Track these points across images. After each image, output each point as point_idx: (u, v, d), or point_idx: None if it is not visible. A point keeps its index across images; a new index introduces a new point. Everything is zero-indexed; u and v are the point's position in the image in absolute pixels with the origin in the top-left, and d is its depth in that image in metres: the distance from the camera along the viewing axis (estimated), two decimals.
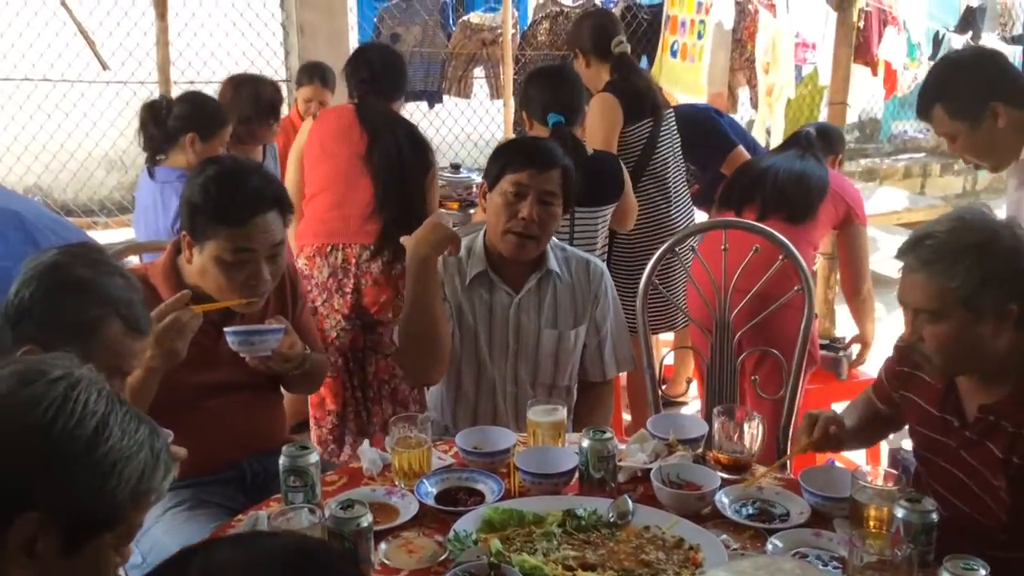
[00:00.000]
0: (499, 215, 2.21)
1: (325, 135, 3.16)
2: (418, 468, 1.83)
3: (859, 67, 6.32)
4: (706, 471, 1.81)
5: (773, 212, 3.03)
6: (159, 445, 1.16)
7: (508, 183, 2.20)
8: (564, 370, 2.35)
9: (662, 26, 6.57)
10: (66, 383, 1.10)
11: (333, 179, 3.10)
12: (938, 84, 2.31)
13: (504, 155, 2.27)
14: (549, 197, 2.21)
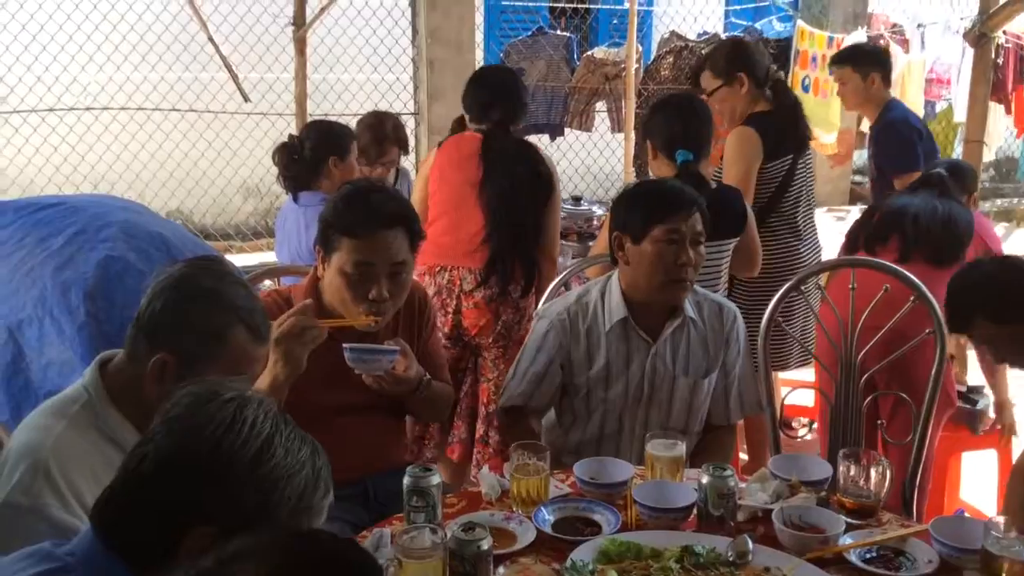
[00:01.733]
0: (655, 265, 2.19)
1: (445, 162, 3.20)
2: (536, 495, 1.85)
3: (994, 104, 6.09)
4: (830, 514, 1.77)
5: (916, 253, 2.91)
6: (320, 464, 1.20)
7: (661, 232, 2.18)
8: (696, 416, 2.33)
9: (791, 61, 6.48)
10: (235, 404, 1.17)
11: (448, 205, 3.14)
12: None
13: (645, 204, 2.25)
14: (699, 238, 2.21)
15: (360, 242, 2.06)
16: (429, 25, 5.66)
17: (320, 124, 3.47)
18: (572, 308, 2.31)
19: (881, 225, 3.03)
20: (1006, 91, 6.11)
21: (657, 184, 2.41)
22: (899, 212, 3.00)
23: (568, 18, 7.36)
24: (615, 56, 6.36)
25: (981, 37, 4.44)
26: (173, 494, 1.13)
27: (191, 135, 5.95)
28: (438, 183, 3.18)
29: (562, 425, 2.38)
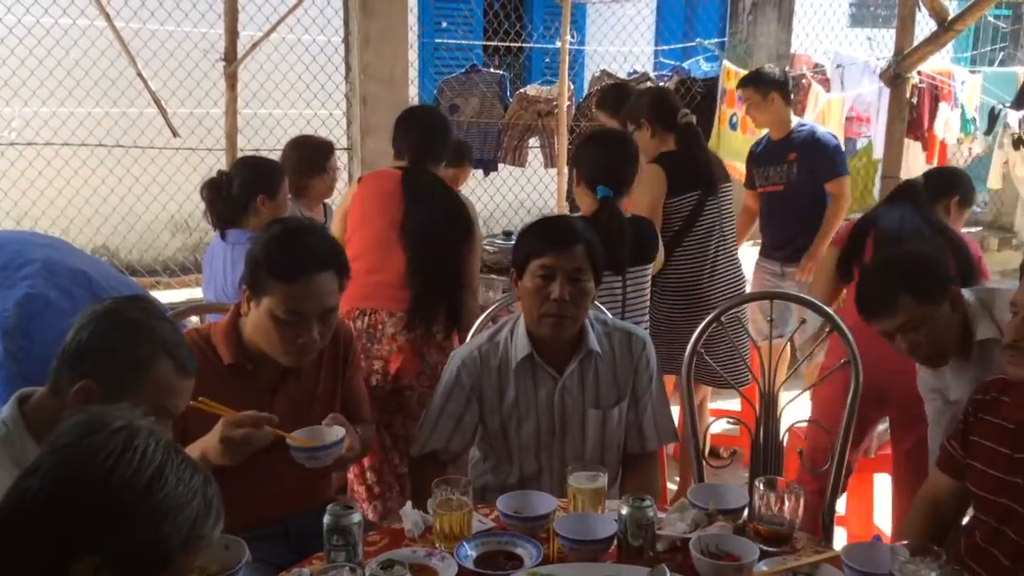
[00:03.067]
0: (532, 300, 2.23)
1: (366, 199, 3.18)
2: (459, 531, 1.86)
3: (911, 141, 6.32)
4: (745, 543, 1.81)
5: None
6: (211, 493, 1.22)
7: (535, 267, 2.21)
8: (611, 447, 2.34)
9: (718, 99, 6.66)
10: (126, 433, 1.17)
11: (370, 246, 3.11)
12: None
13: (526, 241, 2.29)
14: (577, 274, 2.21)
15: (293, 288, 2.03)
16: (362, 61, 5.66)
17: (250, 160, 3.45)
18: (484, 347, 2.33)
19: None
20: (922, 129, 6.33)
21: (543, 221, 2.42)
22: (894, 237, 3.03)
23: (502, 56, 7.46)
24: (548, 93, 6.45)
25: (896, 77, 4.61)
26: (62, 524, 1.13)
27: (118, 170, 5.86)
28: (359, 222, 3.17)
29: (487, 463, 2.38)
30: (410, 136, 3.21)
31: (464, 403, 2.30)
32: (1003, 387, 1.96)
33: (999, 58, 8.59)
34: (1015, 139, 6.53)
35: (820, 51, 7.55)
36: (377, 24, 5.58)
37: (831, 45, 7.78)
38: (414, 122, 3.26)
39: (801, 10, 7.73)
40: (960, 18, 4.19)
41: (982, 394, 2.01)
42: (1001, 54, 8.62)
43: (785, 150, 4.39)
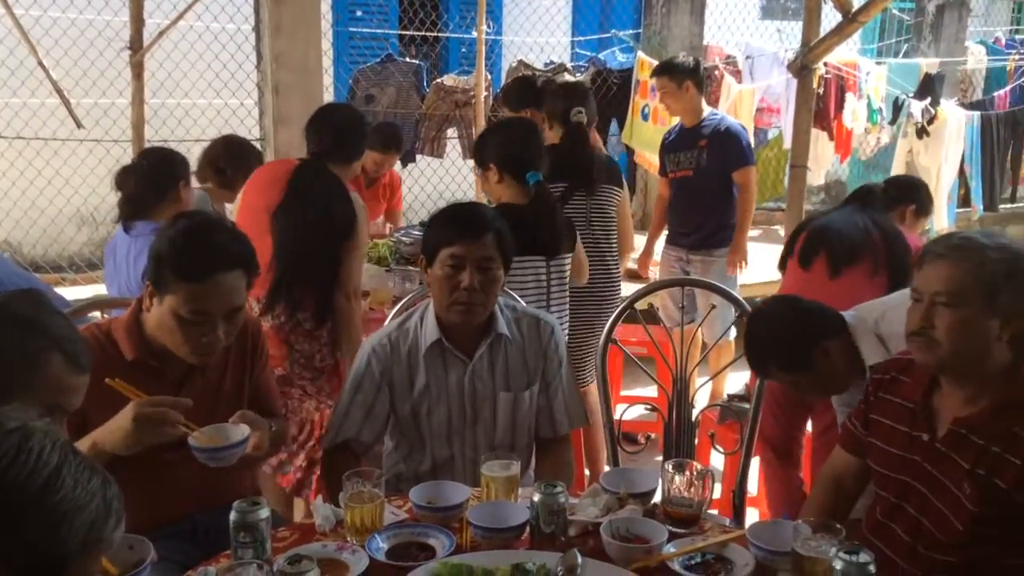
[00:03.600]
0: (442, 289, 2.23)
1: (252, 185, 3.14)
2: (370, 523, 1.84)
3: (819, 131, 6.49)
4: (655, 525, 1.83)
5: (845, 265, 3.01)
6: (111, 495, 1.18)
7: (445, 256, 2.21)
8: (521, 431, 2.36)
9: (632, 90, 6.73)
10: (20, 434, 1.13)
11: (244, 230, 3.07)
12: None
13: (436, 230, 2.29)
14: (487, 263, 2.22)
15: (198, 288, 1.97)
16: (274, 50, 5.55)
17: (160, 149, 3.39)
18: (394, 334, 2.32)
19: (809, 242, 3.14)
20: (829, 119, 6.52)
21: (452, 209, 2.41)
22: (823, 229, 3.11)
23: (418, 45, 7.41)
24: (465, 84, 6.44)
25: (803, 68, 4.71)
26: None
27: (19, 163, 5.65)
28: (242, 207, 3.15)
29: (399, 452, 2.37)
30: (321, 135, 3.17)
31: (374, 391, 2.28)
32: (902, 367, 2.03)
33: (903, 50, 8.87)
34: (918, 128, 6.77)
35: (732, 43, 7.70)
36: (288, 11, 5.48)
37: (742, 37, 7.94)
38: (327, 121, 3.22)
39: (713, 2, 7.86)
40: (863, 10, 4.31)
41: (882, 373, 2.07)
42: (905, 46, 8.91)
43: (696, 137, 4.48)
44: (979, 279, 1.77)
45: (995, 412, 1.80)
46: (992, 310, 1.78)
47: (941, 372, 1.88)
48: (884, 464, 1.98)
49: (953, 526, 1.81)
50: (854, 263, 2.99)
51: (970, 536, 1.80)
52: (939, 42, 8.38)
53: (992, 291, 1.77)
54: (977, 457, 1.79)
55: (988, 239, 1.83)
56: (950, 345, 1.79)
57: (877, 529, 1.99)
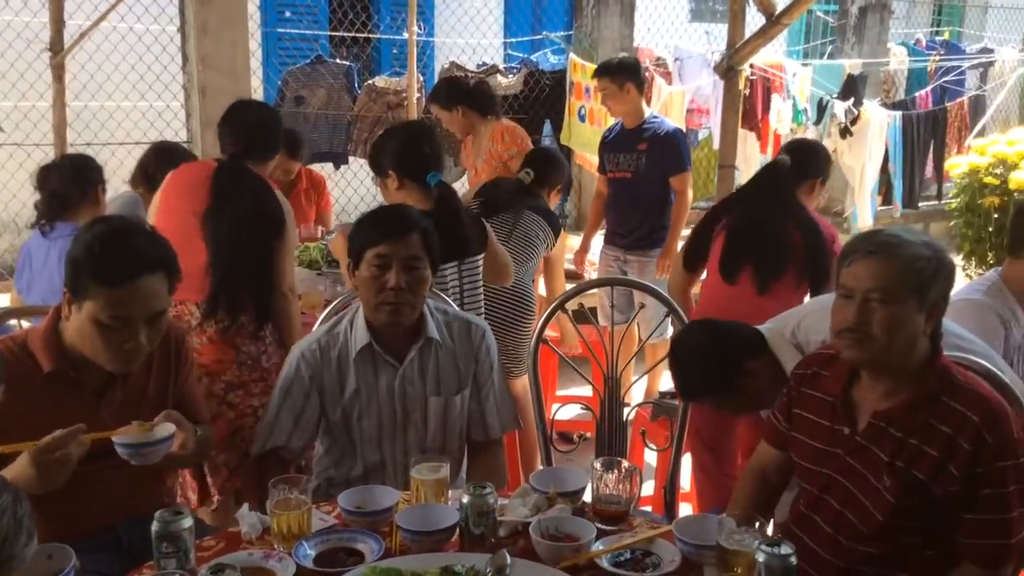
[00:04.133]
0: (369, 290, 2.22)
1: (172, 191, 3.08)
2: (298, 530, 1.82)
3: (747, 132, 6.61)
4: (583, 522, 1.85)
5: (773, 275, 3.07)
6: (21, 512, 1.15)
7: (371, 257, 2.21)
8: (452, 435, 2.35)
9: (567, 91, 6.77)
10: None
11: (170, 236, 3.01)
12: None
13: (361, 231, 2.28)
14: (413, 262, 2.22)
15: (118, 293, 1.91)
16: (200, 51, 5.47)
17: (78, 155, 3.36)
18: (323, 339, 2.31)
19: (732, 253, 3.15)
20: (756, 119, 6.64)
21: (377, 210, 2.40)
22: (745, 236, 3.13)
23: (348, 47, 7.35)
24: (397, 85, 6.41)
25: (730, 70, 4.79)
26: None
27: None
28: (164, 212, 3.06)
29: (330, 456, 2.35)
30: (236, 133, 3.12)
31: (304, 397, 2.26)
32: (823, 362, 2.07)
33: (828, 51, 9.07)
34: (841, 128, 6.92)
35: (661, 45, 7.80)
36: (215, 12, 5.41)
37: (672, 39, 8.04)
38: (239, 119, 3.17)
39: (643, 5, 7.95)
40: (786, 12, 4.39)
41: (803, 369, 2.12)
42: (830, 48, 9.11)
43: (636, 140, 4.52)
44: (911, 276, 1.81)
45: (913, 405, 1.85)
46: (921, 305, 1.83)
47: (869, 366, 1.91)
48: (807, 457, 2.02)
49: (874, 517, 1.86)
50: (780, 276, 3.05)
51: (890, 527, 1.85)
52: (862, 44, 8.59)
53: (923, 287, 1.82)
54: (896, 449, 1.84)
55: (913, 236, 1.88)
56: (885, 340, 1.83)
57: (801, 521, 2.03)
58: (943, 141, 8.16)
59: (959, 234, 4.61)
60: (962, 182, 4.60)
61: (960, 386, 1.84)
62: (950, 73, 8.47)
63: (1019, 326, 2.74)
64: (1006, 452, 1.77)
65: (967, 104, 8.43)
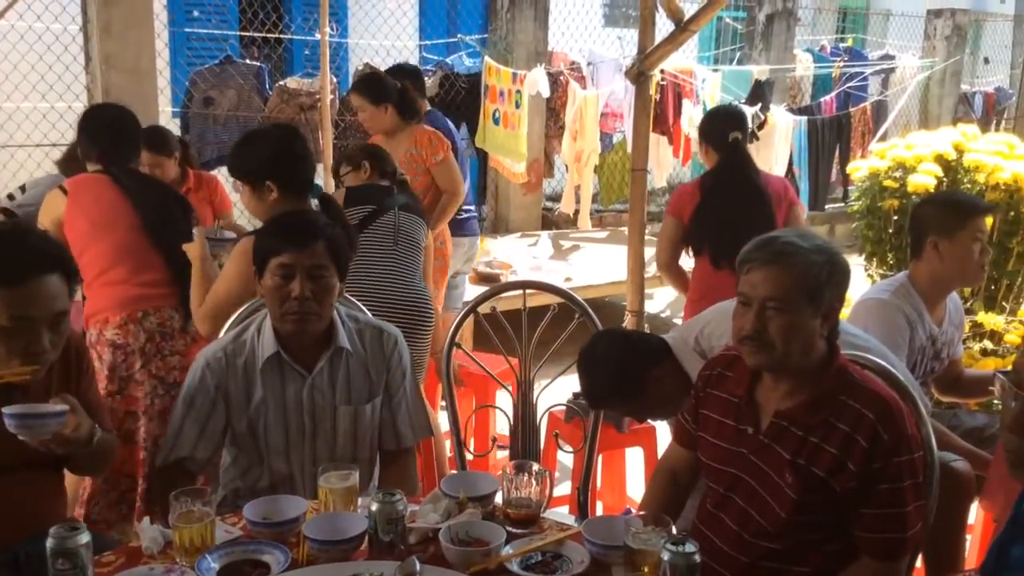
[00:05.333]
0: (273, 299, 2.18)
1: (88, 209, 3.00)
2: (200, 543, 1.78)
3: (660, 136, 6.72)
4: (493, 526, 1.85)
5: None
6: None
7: (274, 266, 2.17)
8: (363, 444, 2.32)
9: (482, 95, 6.79)
10: None
11: (121, 253, 3.00)
12: None
13: (265, 239, 2.24)
14: (318, 271, 2.17)
15: (18, 292, 1.86)
16: (103, 51, 5.32)
17: None
18: (229, 346, 2.25)
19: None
20: (668, 124, 6.76)
21: (281, 217, 2.36)
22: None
23: (259, 47, 7.22)
24: (310, 86, 6.33)
25: (640, 75, 4.83)
26: None
27: None
28: (91, 234, 2.99)
29: (236, 467, 2.30)
30: (99, 139, 3.09)
31: (210, 406, 2.21)
32: (728, 362, 2.11)
33: (737, 57, 9.29)
34: (749, 133, 7.08)
35: (576, 49, 7.88)
36: (118, 11, 5.26)
37: (586, 44, 8.13)
38: (100, 123, 3.13)
39: (556, 9, 8.02)
40: (694, 19, 4.45)
41: (709, 370, 2.16)
42: (739, 54, 9.34)
43: None
44: (806, 283, 1.87)
45: (812, 404, 1.90)
46: (816, 310, 1.89)
47: (770, 370, 1.97)
48: (713, 457, 2.06)
49: (777, 514, 1.91)
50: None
51: (793, 523, 1.90)
52: (769, 50, 8.83)
53: (817, 292, 1.88)
54: (797, 447, 1.89)
55: (806, 241, 1.93)
56: (783, 347, 1.88)
57: (707, 519, 2.07)
58: (848, 145, 8.45)
59: (861, 235, 4.75)
60: (863, 185, 4.73)
61: (857, 385, 1.90)
62: (854, 79, 8.77)
63: (924, 326, 2.85)
64: (900, 448, 1.83)
65: (870, 109, 8.75)
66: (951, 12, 10.32)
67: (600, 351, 2.46)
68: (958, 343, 3.08)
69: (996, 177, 4.24)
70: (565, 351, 2.71)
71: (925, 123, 9.79)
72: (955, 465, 2.69)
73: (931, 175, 4.27)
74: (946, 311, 2.95)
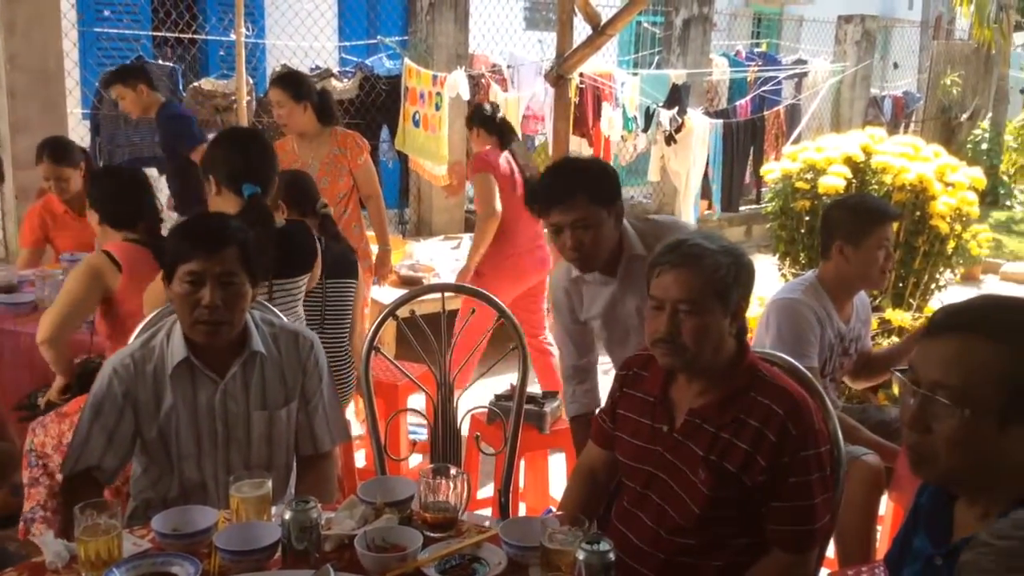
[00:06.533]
0: (183, 307, 2.12)
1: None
2: (107, 556, 1.72)
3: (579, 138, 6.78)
4: (410, 531, 1.83)
5: None
6: None
7: (183, 273, 2.10)
8: (279, 450, 2.27)
9: (402, 97, 6.75)
10: None
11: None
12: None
13: (173, 244, 2.17)
14: (229, 277, 2.12)
15: None
16: (8, 50, 5.14)
17: None
18: (137, 352, 2.18)
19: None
20: (587, 127, 6.82)
21: (191, 221, 2.30)
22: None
23: (173, 47, 7.06)
24: (225, 87, 6.21)
25: (559, 78, 4.87)
26: None
27: None
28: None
29: (147, 476, 2.24)
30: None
31: (117, 414, 2.14)
32: (643, 363, 2.14)
33: (655, 61, 9.43)
34: (667, 136, 7.21)
35: (497, 52, 7.90)
36: (23, 9, 5.09)
37: (507, 47, 8.15)
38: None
39: (477, 12, 8.02)
40: (611, 23, 4.51)
41: (626, 370, 2.18)
42: (657, 58, 9.48)
43: None
44: (715, 284, 1.91)
45: (724, 402, 1.94)
46: (726, 309, 1.93)
47: (683, 371, 2.00)
48: (630, 456, 2.09)
49: (691, 509, 1.94)
50: None
51: (706, 518, 1.93)
52: (687, 55, 8.98)
53: (725, 292, 1.92)
54: (709, 444, 1.93)
55: (713, 243, 1.97)
56: (695, 348, 1.92)
57: (624, 517, 2.09)
58: (762, 147, 8.65)
59: (774, 236, 4.87)
60: (776, 187, 4.86)
61: (766, 382, 1.94)
62: (768, 83, 8.99)
63: (832, 324, 2.93)
64: (808, 442, 1.88)
65: (784, 112, 8.98)
66: (861, 18, 10.65)
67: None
68: (866, 337, 3.17)
69: (902, 178, 4.40)
70: (485, 353, 2.71)
71: (837, 126, 10.07)
72: (865, 459, 2.78)
73: (840, 177, 4.41)
74: (853, 309, 3.04)
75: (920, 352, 1.36)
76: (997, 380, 1.26)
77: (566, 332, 2.86)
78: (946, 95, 11.65)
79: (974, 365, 1.28)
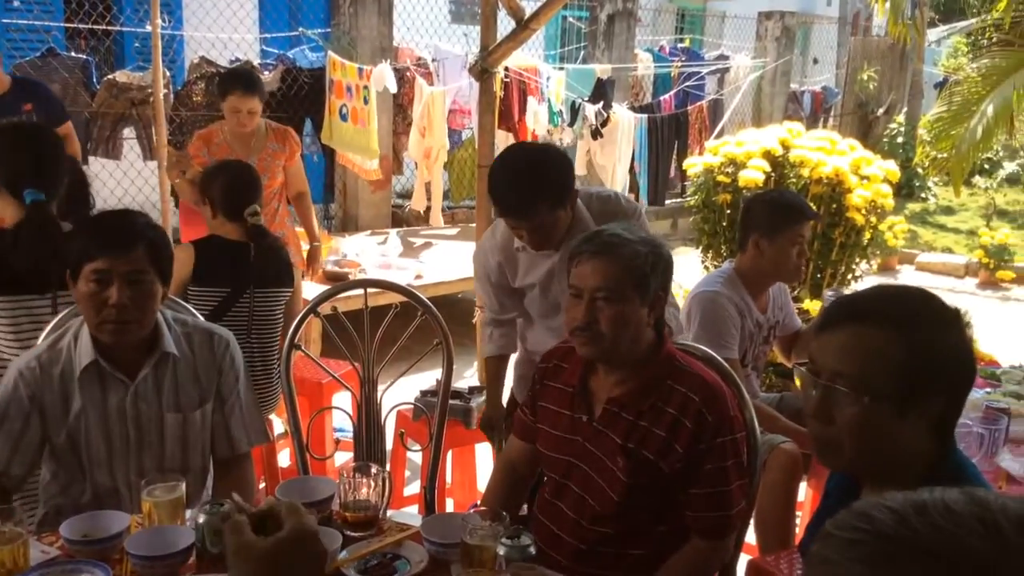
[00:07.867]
0: (88, 307, 2.04)
1: None
2: (12, 565, 1.66)
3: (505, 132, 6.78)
4: (329, 532, 1.80)
5: None
6: None
7: (88, 271, 2.02)
8: (194, 452, 2.21)
9: (326, 90, 6.65)
10: None
11: None
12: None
13: (79, 241, 2.08)
14: (137, 276, 2.04)
15: None
16: None
17: None
18: (43, 355, 2.10)
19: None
20: (513, 121, 6.82)
21: (96, 218, 2.21)
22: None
23: (86, 39, 6.84)
24: (141, 80, 6.05)
25: (484, 72, 4.86)
26: None
27: None
28: None
29: (57, 482, 2.17)
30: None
31: (23, 419, 2.06)
32: (563, 355, 2.15)
33: (581, 56, 9.49)
34: (593, 130, 7.26)
35: (422, 45, 7.84)
36: None
37: (432, 40, 8.10)
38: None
39: (401, 4, 7.95)
40: (534, 17, 4.51)
41: (545, 363, 2.19)
42: (582, 53, 9.54)
43: None
44: (632, 273, 1.93)
45: (642, 390, 1.96)
46: (644, 299, 1.95)
47: (601, 360, 2.01)
48: (550, 447, 2.10)
49: (610, 498, 1.96)
50: None
51: (625, 506, 1.95)
52: (611, 49, 9.05)
53: (643, 282, 1.94)
54: (628, 431, 1.95)
55: (631, 234, 1.99)
56: (613, 336, 1.93)
57: (545, 508, 2.10)
58: (686, 142, 8.77)
59: (697, 229, 4.94)
60: (698, 180, 4.93)
61: (683, 370, 1.97)
62: (691, 78, 9.11)
63: (751, 314, 2.98)
64: (723, 429, 1.91)
65: (707, 107, 9.11)
66: (780, 14, 10.87)
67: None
68: (792, 316, 3.25)
69: (819, 172, 4.50)
70: (410, 349, 2.68)
71: (758, 120, 10.27)
72: (784, 446, 2.84)
73: (759, 170, 4.49)
74: (770, 298, 3.10)
75: (818, 345, 1.39)
76: (892, 367, 1.30)
77: (493, 289, 2.86)
78: (863, 90, 11.98)
79: (869, 353, 1.31)
